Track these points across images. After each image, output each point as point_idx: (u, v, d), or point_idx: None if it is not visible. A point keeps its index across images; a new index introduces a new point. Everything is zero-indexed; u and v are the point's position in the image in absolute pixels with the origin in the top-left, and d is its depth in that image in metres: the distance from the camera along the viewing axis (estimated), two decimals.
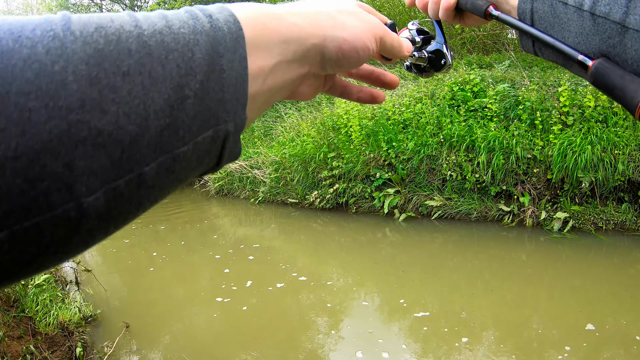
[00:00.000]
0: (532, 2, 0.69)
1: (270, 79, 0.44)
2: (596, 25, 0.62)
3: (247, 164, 10.48)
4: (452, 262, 5.91)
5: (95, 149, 0.30)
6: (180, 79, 0.35)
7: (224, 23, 0.39)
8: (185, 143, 0.36)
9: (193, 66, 0.35)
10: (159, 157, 0.34)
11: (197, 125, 0.36)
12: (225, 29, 0.38)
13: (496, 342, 4.16)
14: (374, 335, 4.44)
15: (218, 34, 0.38)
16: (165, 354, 4.55)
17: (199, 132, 0.36)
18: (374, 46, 0.53)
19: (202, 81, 0.36)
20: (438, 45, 0.91)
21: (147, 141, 0.33)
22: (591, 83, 0.65)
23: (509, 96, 7.49)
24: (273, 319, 4.93)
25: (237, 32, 0.39)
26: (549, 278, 5.32)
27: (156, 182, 0.35)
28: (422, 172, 7.71)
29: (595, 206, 6.40)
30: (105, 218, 0.33)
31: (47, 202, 0.29)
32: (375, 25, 0.54)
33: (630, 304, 4.54)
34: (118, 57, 0.32)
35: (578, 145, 6.40)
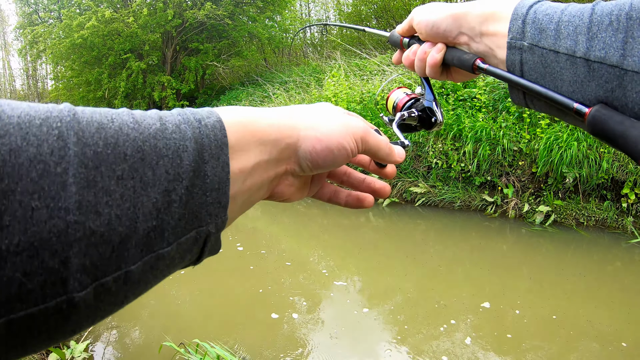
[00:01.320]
0: (521, 53, 0.67)
1: (249, 179, 0.46)
2: (591, 71, 0.60)
3: None
4: (433, 249, 5.94)
5: (89, 248, 0.32)
6: (168, 184, 0.37)
7: (211, 129, 0.42)
8: (170, 244, 0.38)
9: (180, 172, 0.38)
10: (144, 256, 0.36)
11: (181, 227, 0.39)
12: (212, 136, 0.42)
13: (473, 329, 4.20)
14: (353, 318, 4.46)
15: (205, 141, 0.41)
16: (144, 330, 4.53)
17: (183, 234, 0.39)
18: (352, 146, 0.53)
19: (188, 187, 0.39)
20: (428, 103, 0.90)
21: (135, 242, 0.35)
22: (590, 132, 0.62)
23: (499, 88, 7.51)
24: (253, 300, 4.93)
25: (221, 139, 0.42)
26: (529, 270, 5.37)
27: (141, 279, 0.37)
28: (407, 158, 7.72)
29: (577, 202, 6.47)
30: (93, 310, 0.35)
31: (42, 295, 0.31)
32: (354, 126, 0.55)
33: (606, 301, 4.61)
34: (114, 161, 0.34)
35: (564, 140, 6.45)
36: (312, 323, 4.46)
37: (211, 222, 0.42)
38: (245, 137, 0.45)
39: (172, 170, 0.38)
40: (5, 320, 0.30)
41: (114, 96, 15.30)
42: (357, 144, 0.54)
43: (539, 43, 0.64)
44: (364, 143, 0.56)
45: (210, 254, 0.45)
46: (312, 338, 4.22)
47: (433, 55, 0.82)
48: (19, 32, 19.34)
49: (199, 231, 0.41)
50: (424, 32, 0.83)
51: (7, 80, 27.99)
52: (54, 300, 0.31)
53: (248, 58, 17.63)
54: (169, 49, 16.39)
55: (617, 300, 4.62)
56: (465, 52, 0.78)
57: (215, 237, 0.44)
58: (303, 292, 4.96)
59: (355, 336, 4.21)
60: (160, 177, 0.37)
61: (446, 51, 0.81)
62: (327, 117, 0.54)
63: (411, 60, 0.87)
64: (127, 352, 4.32)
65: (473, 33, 0.75)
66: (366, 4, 14.38)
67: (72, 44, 14.30)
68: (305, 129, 0.51)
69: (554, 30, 0.63)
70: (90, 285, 0.33)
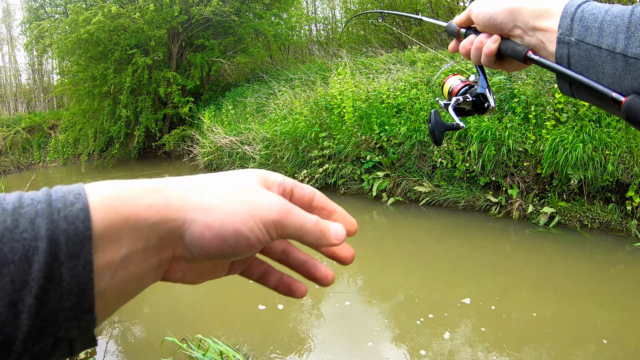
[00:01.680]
0: (569, 47, 0.74)
1: (120, 272, 0.39)
2: (628, 66, 0.66)
3: (238, 139, 10.42)
4: (436, 248, 5.94)
5: None
6: (14, 294, 0.33)
7: (71, 222, 0.36)
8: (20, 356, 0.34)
9: (29, 279, 0.33)
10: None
11: (32, 339, 0.34)
12: (71, 231, 0.36)
13: (474, 331, 4.20)
14: (355, 316, 4.47)
15: (61, 239, 0.35)
16: (147, 326, 4.55)
17: (35, 344, 0.35)
18: (257, 234, 0.43)
19: (37, 295, 0.34)
20: (482, 89, 0.99)
21: None
22: (625, 119, 0.68)
23: (505, 88, 7.49)
24: (255, 295, 4.93)
25: (83, 232, 0.36)
26: (532, 271, 5.36)
27: None
28: (412, 157, 7.72)
29: (582, 204, 6.45)
30: None
31: None
32: (265, 208, 0.44)
33: (609, 303, 4.59)
34: None
35: (570, 142, 6.42)
36: (315, 318, 4.48)
37: (72, 328, 0.36)
38: (115, 224, 0.38)
39: (19, 278, 0.33)
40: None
41: (120, 91, 15.26)
42: (267, 230, 0.44)
43: (584, 39, 0.71)
44: (279, 228, 0.45)
45: (83, 348, 0.40)
46: (315, 333, 4.23)
47: (489, 45, 0.89)
48: (25, 27, 19.35)
49: (57, 338, 0.36)
50: (481, 24, 0.90)
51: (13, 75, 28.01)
52: None
53: (254, 55, 17.61)
54: (174, 45, 16.36)
55: (620, 303, 4.61)
56: (518, 44, 0.85)
57: (84, 339, 0.39)
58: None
59: (358, 333, 4.22)
60: (4, 288, 0.33)
61: (501, 42, 0.88)
62: (229, 196, 0.44)
63: (468, 49, 0.94)
64: (129, 346, 4.33)
65: (526, 27, 0.82)
66: (372, 2, 14.35)
67: (78, 39, 14.26)
68: (195, 210, 0.42)
69: (597, 29, 0.70)
70: None
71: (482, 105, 0.99)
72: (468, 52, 0.94)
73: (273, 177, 0.50)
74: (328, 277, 0.55)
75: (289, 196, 0.50)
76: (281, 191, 0.50)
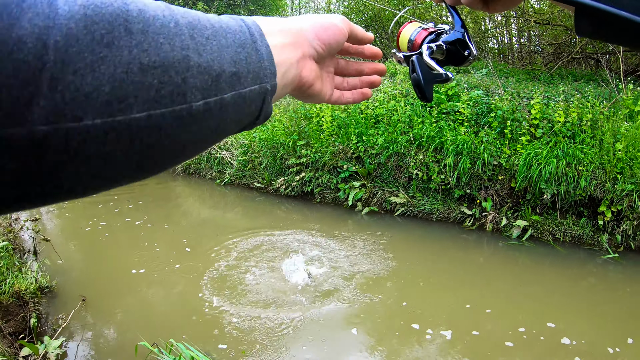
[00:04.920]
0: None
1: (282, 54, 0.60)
2: None
3: (216, 144, 10.36)
4: (410, 260, 5.95)
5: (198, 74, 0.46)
6: (237, 47, 0.52)
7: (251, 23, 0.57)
8: (245, 87, 0.52)
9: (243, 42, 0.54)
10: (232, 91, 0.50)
11: (250, 79, 0.53)
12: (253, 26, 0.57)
13: (449, 342, 4.21)
14: (328, 324, 4.46)
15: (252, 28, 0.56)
16: (119, 329, 4.47)
17: (252, 83, 0.53)
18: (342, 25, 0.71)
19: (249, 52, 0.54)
20: (457, 34, 0.78)
21: (224, 79, 0.49)
22: None
23: (482, 103, 7.60)
24: (229, 298, 4.89)
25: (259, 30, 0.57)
26: (505, 283, 5.41)
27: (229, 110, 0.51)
28: (389, 168, 7.75)
29: (554, 218, 6.54)
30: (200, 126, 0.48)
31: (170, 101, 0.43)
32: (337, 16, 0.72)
33: (581, 314, 4.65)
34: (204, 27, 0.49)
35: (544, 157, 6.52)
36: (288, 329, 4.45)
37: (267, 82, 0.56)
38: (271, 28, 0.60)
39: (238, 40, 0.53)
40: (146, 114, 0.41)
41: None
42: (344, 24, 0.72)
43: None
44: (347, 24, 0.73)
45: (265, 116, 0.59)
46: (286, 343, 4.21)
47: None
48: None
49: (261, 86, 0.55)
50: None
51: None
52: (178, 105, 0.44)
53: None
54: None
55: (592, 314, 4.67)
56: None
57: (270, 98, 0.58)
58: (282, 297, 4.95)
59: (330, 348, 4.21)
60: (232, 44, 0.51)
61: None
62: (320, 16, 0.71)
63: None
64: (101, 351, 4.25)
65: None
66: (357, 13, 14.51)
67: None
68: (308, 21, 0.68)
69: None
70: (201, 100, 0.46)
71: (460, 53, 0.79)
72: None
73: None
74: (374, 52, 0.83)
75: None
76: None
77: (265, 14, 17.21)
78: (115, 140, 0.39)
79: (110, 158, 0.40)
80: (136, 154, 0.42)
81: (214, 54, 0.48)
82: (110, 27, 0.39)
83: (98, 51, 0.37)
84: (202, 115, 0.47)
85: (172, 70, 0.43)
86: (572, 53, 10.95)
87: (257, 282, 5.19)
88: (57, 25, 0.35)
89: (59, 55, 0.35)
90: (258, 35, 0.56)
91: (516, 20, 11.63)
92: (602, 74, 9.35)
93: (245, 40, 0.53)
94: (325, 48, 0.69)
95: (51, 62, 0.34)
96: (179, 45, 0.44)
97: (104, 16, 0.38)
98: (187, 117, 0.45)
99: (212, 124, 0.49)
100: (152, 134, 0.42)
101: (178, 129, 0.45)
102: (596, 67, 11.09)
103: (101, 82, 0.37)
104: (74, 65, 0.36)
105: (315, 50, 0.67)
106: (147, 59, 0.41)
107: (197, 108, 0.46)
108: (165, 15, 0.44)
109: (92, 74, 0.37)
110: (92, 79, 0.37)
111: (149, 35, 0.41)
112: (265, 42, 0.56)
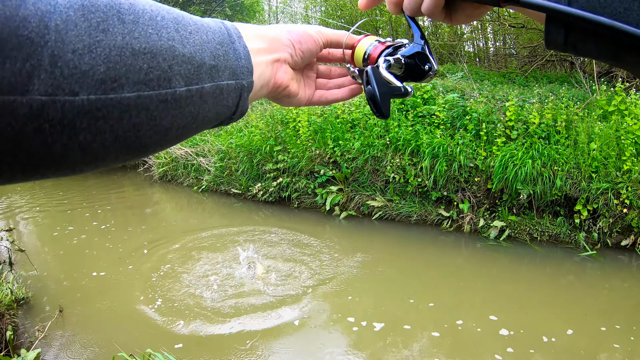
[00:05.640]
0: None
1: (258, 57, 0.64)
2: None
3: (193, 151, 10.27)
4: (389, 262, 5.91)
5: (182, 63, 0.50)
6: (217, 44, 0.56)
7: (230, 26, 0.61)
8: (222, 80, 0.56)
9: (222, 40, 0.57)
10: (211, 82, 0.54)
11: (228, 73, 0.57)
12: (232, 28, 0.61)
13: (431, 343, 4.18)
14: (309, 332, 4.41)
15: (230, 30, 0.61)
16: (97, 341, 4.37)
17: (229, 78, 0.57)
18: (315, 34, 0.75)
19: (227, 50, 0.58)
20: (417, 47, 0.73)
21: (204, 70, 0.53)
22: None
23: (458, 106, 7.62)
24: (208, 306, 4.82)
25: (237, 33, 0.61)
26: (484, 283, 5.39)
27: (208, 100, 0.54)
28: (366, 172, 7.73)
29: (531, 217, 6.55)
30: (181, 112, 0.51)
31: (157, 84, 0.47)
32: (310, 26, 0.76)
33: (560, 312, 4.64)
34: (188, 23, 0.54)
35: (519, 158, 6.55)
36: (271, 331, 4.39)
37: (244, 79, 0.60)
38: (249, 32, 0.65)
39: (218, 38, 0.57)
40: (136, 95, 0.45)
41: None
42: (318, 34, 0.76)
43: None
44: (321, 34, 0.77)
45: (241, 112, 0.63)
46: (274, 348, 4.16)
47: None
48: None
49: (238, 82, 0.59)
50: None
51: None
52: (164, 89, 0.47)
53: None
54: None
55: (570, 311, 4.66)
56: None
57: (246, 95, 0.61)
58: (269, 302, 4.89)
59: (310, 351, 4.16)
60: (212, 40, 0.56)
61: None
62: (295, 25, 0.75)
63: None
64: None
65: None
66: (334, 18, 14.56)
67: None
68: (284, 29, 0.72)
69: None
70: (184, 87, 0.50)
71: (419, 68, 0.72)
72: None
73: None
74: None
75: None
76: None
77: (242, 20, 17.23)
78: (106, 115, 0.43)
79: (100, 133, 0.43)
80: (124, 132, 0.46)
81: (196, 46, 0.52)
82: (105, 16, 0.43)
83: (95, 35, 0.41)
84: (184, 100, 0.51)
85: (160, 57, 0.47)
86: (546, 56, 11.10)
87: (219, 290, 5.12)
88: (57, 11, 0.39)
89: (59, 36, 0.39)
90: (236, 36, 0.60)
91: (491, 24, 11.73)
92: (576, 75, 9.46)
93: (224, 40, 0.58)
94: (299, 55, 0.73)
95: (52, 40, 0.38)
96: (165, 36, 0.48)
97: (99, 7, 0.43)
98: (171, 101, 0.49)
99: (193, 110, 0.53)
100: (140, 114, 0.46)
101: (163, 111, 0.49)
102: (570, 69, 11.24)
103: (97, 62, 0.41)
104: (73, 45, 0.39)
105: (290, 56, 0.71)
106: (139, 45, 0.45)
107: (180, 93, 0.50)
108: (152, 10, 0.49)
109: (90, 54, 0.41)
110: (89, 58, 0.40)
111: (139, 25, 0.46)
112: (243, 43, 0.61)
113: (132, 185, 10.79)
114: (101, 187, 10.32)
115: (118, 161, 0.50)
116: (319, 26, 0.78)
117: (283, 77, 0.71)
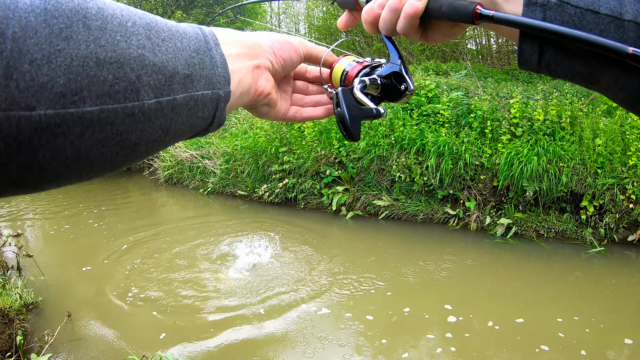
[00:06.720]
0: (545, 11, 0.53)
1: (237, 63, 0.61)
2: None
3: (198, 153, 10.31)
4: (396, 261, 5.93)
5: (152, 73, 0.47)
6: (192, 52, 0.53)
7: (208, 31, 0.59)
8: (197, 90, 0.53)
9: (198, 48, 0.54)
10: (184, 92, 0.51)
11: (203, 83, 0.54)
12: (209, 34, 0.58)
13: (439, 339, 4.20)
14: (325, 328, 4.43)
15: (207, 35, 0.58)
16: (106, 344, 4.40)
17: (205, 88, 0.54)
18: (296, 44, 0.73)
19: (202, 59, 0.55)
20: (394, 67, 0.73)
21: (177, 80, 0.50)
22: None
23: (462, 104, 7.63)
24: (214, 312, 4.85)
25: (214, 38, 0.58)
26: (491, 280, 5.41)
27: (181, 111, 0.52)
28: (371, 172, 7.75)
29: (538, 214, 6.56)
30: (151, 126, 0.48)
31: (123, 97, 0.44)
32: (292, 37, 0.74)
33: (568, 309, 4.65)
34: (161, 29, 0.50)
35: (525, 155, 6.56)
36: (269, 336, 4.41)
37: (221, 89, 0.57)
38: (228, 38, 0.62)
39: (193, 45, 0.54)
40: (99, 109, 0.42)
41: None
42: (300, 44, 0.74)
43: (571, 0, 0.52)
44: (303, 45, 0.75)
45: (218, 123, 0.60)
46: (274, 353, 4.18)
47: (413, 3, 0.65)
48: None
49: (214, 92, 0.56)
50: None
51: None
52: (131, 102, 0.44)
53: None
54: None
55: (578, 308, 4.67)
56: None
57: (224, 105, 0.58)
58: (270, 303, 4.92)
59: (319, 346, 4.18)
60: (187, 47, 0.53)
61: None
62: (276, 33, 0.72)
63: (376, 15, 0.71)
64: None
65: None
66: (335, 18, 14.56)
67: None
68: (264, 36, 0.70)
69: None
70: (153, 99, 0.47)
71: (396, 88, 0.73)
72: (376, 19, 0.71)
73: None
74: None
75: None
76: None
77: (244, 21, 17.21)
78: (66, 131, 0.40)
79: (61, 150, 0.40)
80: (87, 148, 0.43)
81: (169, 55, 0.49)
82: (69, 22, 0.40)
83: (55, 44, 0.38)
84: (154, 113, 0.48)
85: (127, 66, 0.44)
86: None
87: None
88: (16, 17, 0.37)
89: (15, 45, 0.36)
90: (214, 43, 0.57)
91: None
92: None
93: (200, 47, 0.55)
94: (279, 62, 0.70)
95: (7, 50, 0.36)
96: (135, 44, 0.45)
97: (64, 11, 0.40)
98: (138, 115, 0.46)
99: (164, 123, 0.50)
100: (104, 129, 0.43)
101: (130, 126, 0.45)
102: None
103: (57, 74, 0.38)
104: (31, 55, 0.37)
105: (270, 63, 0.68)
106: (104, 54, 0.42)
107: (149, 106, 0.46)
108: (123, 15, 0.46)
109: (49, 65, 0.38)
110: (48, 69, 0.38)
111: (106, 32, 0.43)
112: (220, 50, 0.58)
113: (138, 190, 10.83)
114: (107, 191, 10.36)
115: (83, 179, 0.47)
116: (301, 37, 0.75)
117: (265, 84, 0.67)
